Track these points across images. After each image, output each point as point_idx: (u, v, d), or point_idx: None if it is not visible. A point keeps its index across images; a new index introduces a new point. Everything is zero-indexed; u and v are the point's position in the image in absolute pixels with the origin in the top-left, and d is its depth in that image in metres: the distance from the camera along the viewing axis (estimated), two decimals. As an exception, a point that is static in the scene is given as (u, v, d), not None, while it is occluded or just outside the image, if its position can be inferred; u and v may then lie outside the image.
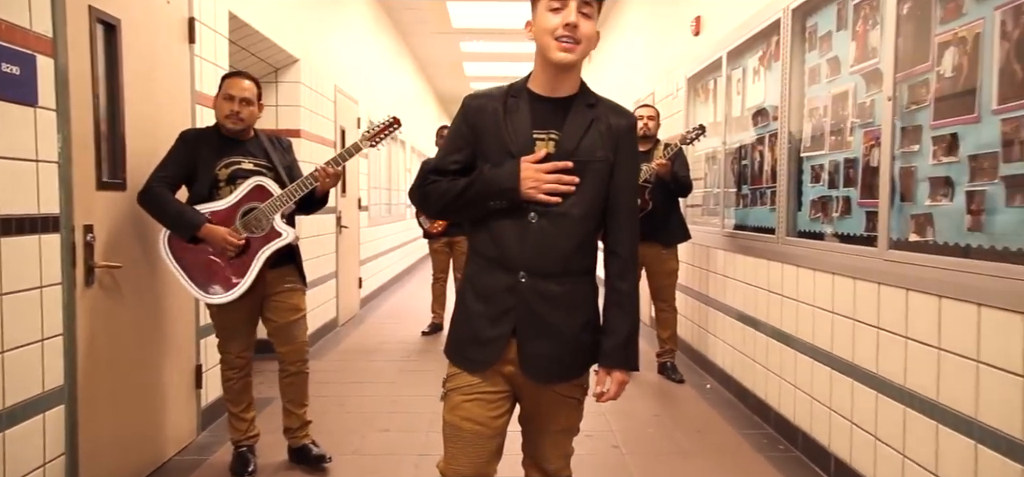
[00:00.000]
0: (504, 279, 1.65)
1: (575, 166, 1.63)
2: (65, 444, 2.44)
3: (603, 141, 1.66)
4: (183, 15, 3.34)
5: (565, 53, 1.59)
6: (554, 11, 1.59)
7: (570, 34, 1.58)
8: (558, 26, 1.58)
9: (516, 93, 1.70)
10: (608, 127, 1.68)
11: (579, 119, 1.67)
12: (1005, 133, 2.05)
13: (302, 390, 3.12)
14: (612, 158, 1.68)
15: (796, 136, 3.49)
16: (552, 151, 1.64)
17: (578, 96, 1.70)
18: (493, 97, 1.71)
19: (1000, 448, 2.00)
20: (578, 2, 1.58)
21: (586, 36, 1.60)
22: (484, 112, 1.69)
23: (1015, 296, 1.94)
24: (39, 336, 2.31)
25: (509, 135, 1.65)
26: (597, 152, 1.65)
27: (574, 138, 1.65)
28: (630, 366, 1.72)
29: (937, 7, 2.38)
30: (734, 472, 3.12)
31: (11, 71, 2.15)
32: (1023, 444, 1.91)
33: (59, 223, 2.40)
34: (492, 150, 1.67)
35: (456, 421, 1.69)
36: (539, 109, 1.68)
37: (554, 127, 1.66)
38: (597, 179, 1.66)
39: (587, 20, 1.60)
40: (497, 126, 1.66)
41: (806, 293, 3.23)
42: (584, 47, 1.61)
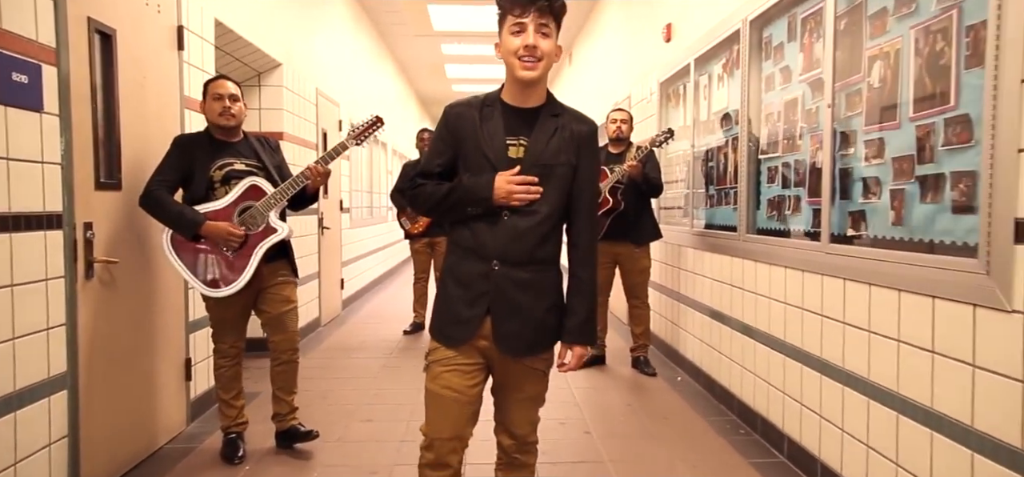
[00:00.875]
0: (479, 267, 1.93)
1: (541, 169, 1.91)
2: (68, 427, 2.69)
3: (566, 147, 1.94)
4: (173, 23, 3.58)
5: (527, 71, 1.87)
6: (515, 33, 1.87)
7: (530, 54, 1.86)
8: (519, 47, 1.85)
9: (491, 103, 1.98)
10: (571, 133, 1.96)
11: (546, 127, 1.94)
12: (919, 138, 2.36)
13: (292, 378, 3.37)
14: (575, 161, 1.96)
15: (754, 139, 3.79)
16: (522, 155, 1.92)
17: (545, 106, 1.98)
18: (471, 106, 1.98)
19: (917, 417, 2.30)
20: (536, 25, 1.85)
21: (546, 53, 1.88)
22: (463, 119, 1.97)
23: (927, 281, 2.24)
24: (45, 325, 2.55)
25: (485, 140, 1.93)
26: (561, 156, 1.93)
27: (541, 144, 1.93)
28: (587, 342, 2.00)
29: (867, 24, 2.68)
30: (697, 453, 3.40)
31: (20, 79, 2.40)
32: (936, 413, 2.21)
33: (62, 220, 2.65)
34: (470, 153, 1.94)
35: (437, 389, 1.96)
36: (510, 118, 1.95)
37: (524, 134, 1.93)
38: (560, 181, 1.94)
39: (546, 38, 1.88)
40: (474, 132, 1.94)
41: (763, 287, 3.53)
42: (545, 63, 1.89)
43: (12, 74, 2.36)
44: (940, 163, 2.27)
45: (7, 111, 2.34)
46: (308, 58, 6.23)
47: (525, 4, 1.85)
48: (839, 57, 2.87)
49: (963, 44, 2.16)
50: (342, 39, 7.71)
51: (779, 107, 3.50)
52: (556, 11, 1.89)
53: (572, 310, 2.00)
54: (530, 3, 1.84)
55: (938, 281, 2.19)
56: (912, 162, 2.40)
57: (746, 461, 3.30)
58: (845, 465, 2.76)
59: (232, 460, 3.26)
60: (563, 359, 2.02)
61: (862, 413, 2.63)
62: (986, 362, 1.99)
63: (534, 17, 1.85)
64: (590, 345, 2.03)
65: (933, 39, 2.30)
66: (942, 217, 2.26)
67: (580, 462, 3.30)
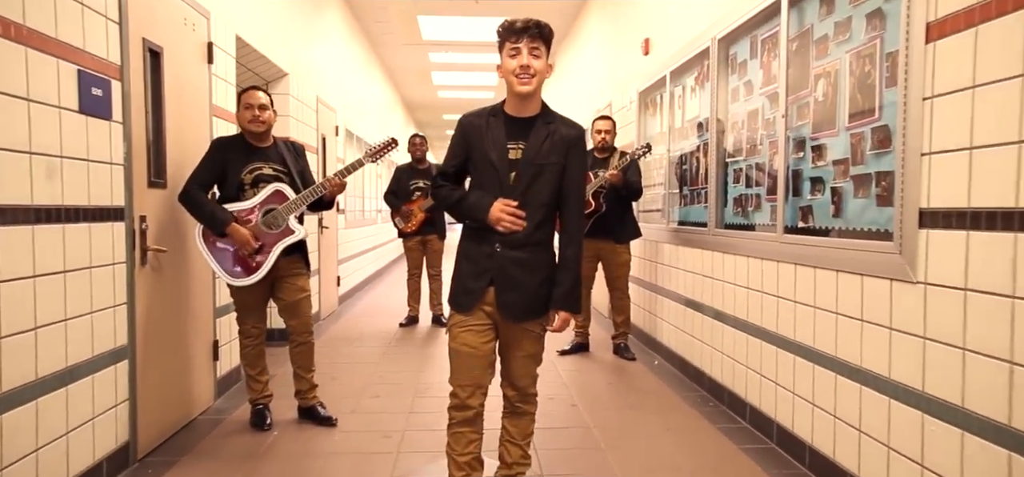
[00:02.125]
0: (485, 248, 2.40)
1: (535, 167, 2.37)
2: (128, 392, 3.11)
3: (557, 148, 2.42)
4: (204, 40, 4.02)
5: (523, 86, 2.34)
6: (512, 56, 2.34)
7: (525, 72, 2.33)
8: (516, 67, 2.33)
9: (495, 114, 2.46)
10: (561, 137, 2.43)
11: (540, 133, 2.42)
12: (852, 144, 2.87)
13: (309, 357, 3.81)
14: (564, 161, 2.43)
15: (722, 145, 4.30)
16: (519, 157, 2.39)
17: (539, 115, 2.45)
18: (480, 116, 2.46)
19: (854, 377, 2.80)
20: (529, 48, 2.33)
21: (538, 71, 2.36)
22: (473, 127, 2.44)
23: (858, 262, 2.74)
24: (111, 303, 2.97)
25: (490, 145, 2.40)
26: (551, 157, 2.40)
27: (535, 147, 2.40)
28: (571, 308, 2.46)
29: (813, 47, 3.20)
30: (670, 420, 3.89)
31: (97, 93, 2.83)
32: (864, 370, 2.71)
33: (124, 213, 3.07)
34: (478, 155, 2.41)
35: (456, 347, 2.43)
36: (511, 126, 2.43)
37: (522, 139, 2.41)
38: (551, 177, 2.41)
39: (537, 59, 2.35)
40: (481, 137, 2.41)
41: (730, 275, 4.03)
42: (538, 79, 2.37)
43: (92, 89, 2.79)
44: (868, 165, 2.78)
45: (88, 121, 2.77)
46: (309, 67, 6.67)
47: (519, 32, 2.32)
48: (791, 74, 3.38)
49: (884, 67, 2.67)
50: (338, 48, 8.15)
51: (743, 116, 4.01)
52: (545, 37, 2.37)
53: (558, 282, 2.46)
54: (523, 31, 2.32)
55: (866, 262, 2.69)
56: (847, 164, 2.91)
57: (714, 427, 3.80)
58: (796, 424, 3.26)
59: (261, 427, 3.69)
60: (552, 324, 2.48)
61: (808, 378, 3.13)
62: (899, 325, 2.49)
63: (527, 42, 2.32)
64: (574, 312, 2.49)
65: (863, 62, 2.81)
66: (869, 209, 2.77)
67: (568, 427, 3.77)
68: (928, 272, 2.34)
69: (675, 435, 3.66)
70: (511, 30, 2.34)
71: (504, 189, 2.37)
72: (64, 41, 2.63)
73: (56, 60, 2.58)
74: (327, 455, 3.35)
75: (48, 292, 2.54)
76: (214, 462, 3.25)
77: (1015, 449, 1.97)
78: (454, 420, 2.48)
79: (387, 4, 8.92)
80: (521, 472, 2.64)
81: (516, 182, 2.37)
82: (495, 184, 2.38)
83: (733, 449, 3.45)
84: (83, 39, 2.75)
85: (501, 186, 2.38)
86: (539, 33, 2.34)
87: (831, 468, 2.94)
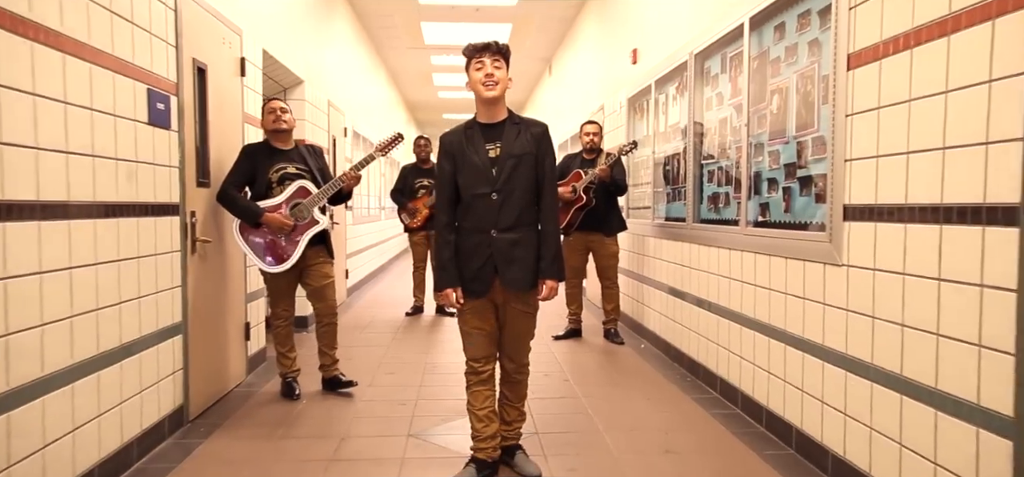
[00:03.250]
0: (483, 237, 2.92)
1: (514, 159, 2.87)
2: (182, 362, 3.66)
3: (528, 143, 2.94)
4: (238, 55, 4.56)
5: (489, 91, 2.86)
6: (478, 69, 2.87)
7: (489, 79, 2.86)
8: (482, 77, 2.86)
9: (470, 127, 2.99)
10: (531, 134, 2.97)
11: (511, 132, 2.95)
12: (798, 150, 3.43)
13: (333, 336, 4.36)
14: (536, 151, 2.95)
15: (698, 148, 4.85)
16: (498, 154, 2.91)
17: (507, 119, 2.98)
18: (457, 132, 2.99)
19: (798, 346, 3.36)
20: (491, 61, 2.86)
21: (500, 80, 2.88)
22: (454, 142, 2.97)
23: (801, 250, 3.30)
24: (170, 285, 3.53)
25: (472, 151, 2.92)
26: (526, 149, 2.92)
27: (510, 144, 2.93)
28: (556, 276, 2.98)
29: (769, 67, 3.75)
30: (651, 393, 4.44)
31: (161, 107, 3.38)
32: (805, 340, 3.27)
33: (178, 209, 3.62)
34: (463, 162, 2.93)
35: (468, 329, 2.99)
36: (486, 131, 2.96)
37: (497, 139, 2.93)
38: (527, 167, 2.92)
39: (499, 70, 2.88)
40: (463, 148, 2.94)
41: (705, 264, 4.59)
42: (501, 86, 2.89)
43: (157, 104, 3.34)
44: (809, 168, 3.33)
45: (154, 131, 3.32)
46: (321, 73, 7.22)
47: (482, 50, 2.87)
48: (752, 88, 3.93)
49: (820, 87, 3.22)
50: (346, 54, 8.70)
51: (715, 123, 4.56)
52: (504, 53, 2.91)
53: (542, 255, 2.98)
54: (485, 49, 2.87)
55: (807, 249, 3.25)
56: (795, 167, 3.47)
57: (688, 397, 4.35)
58: (755, 390, 3.82)
59: (290, 397, 4.25)
60: (541, 293, 3.01)
61: (764, 350, 3.69)
62: (830, 301, 3.05)
63: (489, 57, 2.86)
64: (558, 279, 3.01)
65: (805, 82, 3.36)
66: (810, 206, 3.33)
67: (561, 397, 4.33)
68: (850, 257, 2.90)
69: (653, 403, 4.21)
70: (475, 49, 2.88)
71: (489, 182, 2.89)
72: (139, 65, 3.18)
73: (132, 82, 3.13)
74: (351, 418, 3.90)
75: (128, 275, 3.10)
76: (253, 425, 3.80)
77: (905, 393, 2.53)
78: (471, 383, 3.03)
79: (392, 12, 9.48)
80: (518, 426, 3.19)
81: (498, 175, 2.89)
82: (482, 180, 2.90)
83: (703, 414, 4.01)
84: (151, 61, 3.30)
85: (486, 181, 2.89)
86: (499, 50, 2.89)
87: (782, 425, 3.50)
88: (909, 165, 2.51)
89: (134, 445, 3.17)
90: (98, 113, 2.86)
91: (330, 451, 3.39)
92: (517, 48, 11.45)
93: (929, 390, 2.41)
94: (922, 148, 2.44)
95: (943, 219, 2.33)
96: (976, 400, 2.19)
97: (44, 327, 2.52)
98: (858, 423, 2.84)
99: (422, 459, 3.31)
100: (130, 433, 3.14)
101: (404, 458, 3.31)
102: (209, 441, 3.53)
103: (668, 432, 3.70)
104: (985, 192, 2.15)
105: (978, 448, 2.19)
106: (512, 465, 3.13)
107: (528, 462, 3.13)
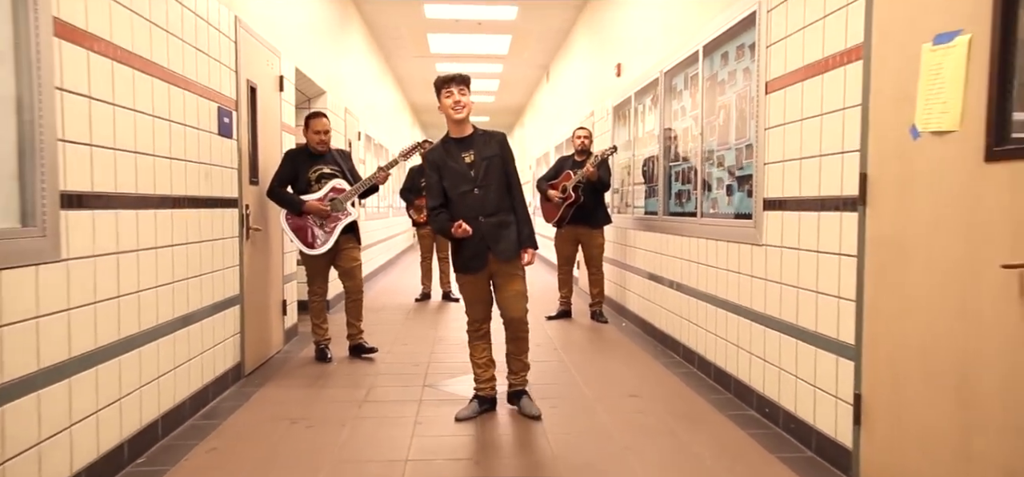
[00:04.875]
0: (474, 225, 3.78)
1: (487, 161, 3.73)
2: (239, 327, 4.55)
3: (493, 148, 3.80)
4: (277, 73, 5.46)
5: (458, 114, 3.73)
6: (447, 97, 3.73)
7: (457, 105, 3.72)
8: (452, 102, 3.72)
9: (446, 142, 3.86)
10: (495, 141, 3.84)
11: (479, 141, 3.82)
12: (737, 155, 4.30)
13: (359, 310, 5.25)
14: (501, 153, 3.82)
15: (668, 152, 5.73)
16: (473, 159, 3.77)
17: (474, 132, 3.85)
18: (437, 149, 3.85)
19: (735, 311, 4.23)
20: (458, 90, 3.72)
21: (466, 104, 3.74)
22: (437, 156, 3.83)
23: (736, 234, 4.17)
24: (232, 264, 4.41)
25: (452, 160, 3.78)
26: (493, 152, 3.78)
27: (480, 150, 3.80)
28: (532, 245, 3.83)
29: (717, 87, 4.63)
30: (628, 361, 5.32)
31: (226, 121, 4.27)
32: (739, 305, 4.14)
33: (237, 202, 4.51)
34: (447, 170, 3.79)
35: (467, 294, 3.87)
36: (459, 144, 3.81)
37: (470, 148, 3.79)
38: (497, 166, 3.78)
39: (464, 96, 3.74)
40: (445, 160, 3.80)
41: (673, 250, 5.46)
42: (467, 109, 3.75)
43: (224, 118, 4.23)
44: (744, 170, 4.21)
45: (223, 140, 4.22)
46: (339, 83, 8.11)
47: (450, 81, 3.72)
48: (705, 104, 4.81)
49: (751, 106, 4.10)
50: (359, 64, 9.59)
51: (680, 132, 5.44)
52: (467, 82, 3.76)
53: (520, 231, 3.84)
54: (453, 81, 3.72)
55: (739, 234, 4.13)
56: (735, 170, 4.35)
57: (656, 361, 5.23)
58: (707, 351, 4.69)
59: (323, 360, 5.14)
60: (523, 260, 3.87)
61: (712, 317, 4.57)
62: (754, 273, 3.93)
63: (457, 86, 3.72)
64: (533, 247, 3.85)
65: (741, 101, 4.24)
66: (744, 200, 4.21)
67: (550, 362, 5.21)
68: (766, 238, 3.78)
69: (626, 365, 5.10)
70: (445, 80, 3.74)
71: (470, 181, 3.74)
72: (213, 87, 4.07)
73: (209, 102, 4.02)
74: (375, 374, 4.79)
75: (205, 253, 3.98)
76: (296, 379, 4.69)
77: (799, 338, 3.41)
78: (472, 338, 3.92)
79: (401, 24, 10.37)
80: (523, 375, 4.02)
81: (476, 175, 3.75)
82: (464, 180, 3.74)
83: (666, 372, 4.89)
84: (220, 84, 4.20)
85: (468, 180, 3.74)
86: (463, 80, 3.76)
87: (725, 376, 4.38)
88: (801, 168, 3.39)
89: (210, 388, 4.06)
90: (189, 128, 3.74)
91: (361, 396, 4.28)
92: (517, 57, 12.35)
93: (813, 333, 3.29)
94: (811, 154, 3.31)
95: (820, 208, 3.21)
96: (837, 336, 3.07)
97: (158, 289, 3.41)
98: (771, 365, 3.72)
99: (435, 400, 4.19)
100: (207, 378, 4.03)
101: (421, 400, 4.20)
102: (263, 389, 4.42)
103: (634, 383, 4.58)
104: (842, 187, 3.03)
105: (837, 370, 3.07)
106: (519, 407, 3.99)
107: (531, 404, 3.98)
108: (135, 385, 3.21)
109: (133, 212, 3.15)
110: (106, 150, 2.92)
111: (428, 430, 3.67)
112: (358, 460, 3.24)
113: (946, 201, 2.37)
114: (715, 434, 3.60)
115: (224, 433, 3.60)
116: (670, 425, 3.73)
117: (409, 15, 9.89)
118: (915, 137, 2.52)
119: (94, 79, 2.82)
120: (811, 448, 3.31)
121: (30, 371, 2.44)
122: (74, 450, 2.71)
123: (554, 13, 9.82)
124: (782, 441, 3.48)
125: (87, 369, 2.80)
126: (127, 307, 3.13)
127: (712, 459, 3.25)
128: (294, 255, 5.97)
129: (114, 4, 2.99)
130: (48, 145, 2.48)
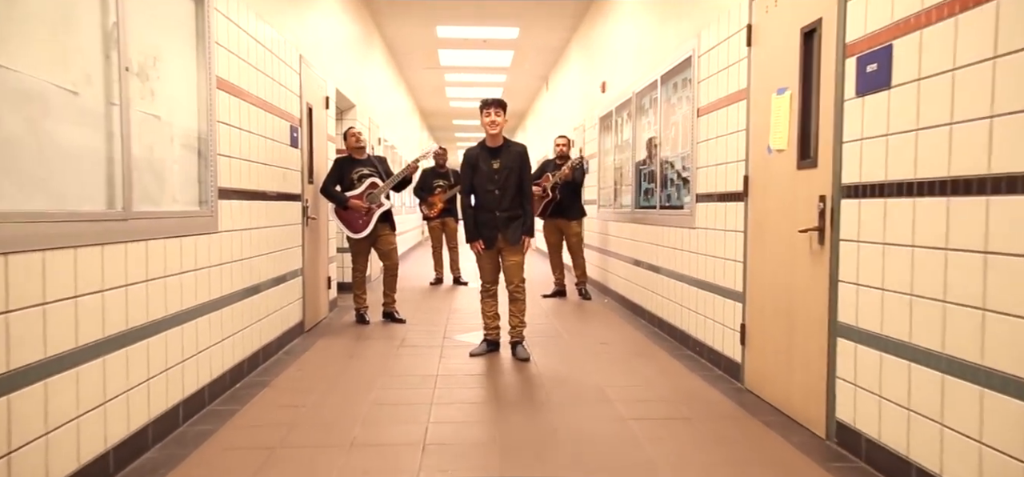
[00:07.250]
0: (491, 215, 5.21)
1: (508, 169, 5.15)
2: (301, 293, 5.98)
3: (515, 159, 5.22)
4: (325, 94, 6.90)
5: (492, 131, 5.14)
6: (486, 116, 5.15)
7: (492, 125, 5.13)
8: (488, 122, 5.14)
9: (483, 147, 5.28)
10: (516, 152, 5.25)
11: (505, 152, 5.24)
12: (683, 161, 5.72)
13: (394, 283, 6.70)
14: (520, 165, 5.24)
15: (638, 157, 7.14)
16: (498, 166, 5.19)
17: (504, 143, 5.27)
18: (475, 150, 5.28)
19: (681, 279, 5.64)
20: (494, 111, 5.13)
21: (500, 123, 5.15)
22: (473, 155, 5.26)
23: (680, 221, 5.58)
24: (297, 244, 5.84)
25: (482, 163, 5.20)
26: (514, 163, 5.19)
27: (505, 160, 5.21)
28: (529, 234, 5.24)
29: (671, 108, 6.04)
30: (608, 327, 6.72)
31: (295, 135, 5.70)
32: (685, 275, 5.56)
33: (300, 197, 5.93)
34: (478, 170, 5.21)
35: (481, 262, 5.29)
36: (491, 152, 5.23)
37: (498, 157, 5.21)
38: (515, 175, 5.20)
39: (499, 117, 5.14)
40: (478, 160, 5.22)
41: (641, 236, 6.88)
42: (500, 128, 5.17)
43: (293, 133, 5.66)
44: (687, 173, 5.62)
45: (292, 150, 5.65)
46: (365, 96, 9.55)
47: (490, 105, 5.11)
48: (662, 120, 6.22)
49: (692, 125, 5.51)
50: (379, 77, 11.04)
51: (645, 141, 6.86)
52: (502, 105, 5.16)
53: (523, 224, 5.25)
54: (491, 105, 5.12)
55: (682, 220, 5.54)
56: (682, 172, 5.76)
57: (628, 325, 6.64)
58: (663, 312, 6.10)
59: (363, 323, 6.58)
60: (524, 245, 5.29)
61: (666, 285, 5.98)
62: (692, 249, 5.33)
63: (493, 109, 5.13)
64: (530, 235, 5.28)
65: (686, 119, 5.65)
66: (686, 196, 5.62)
67: (541, 323, 6.63)
68: (698, 223, 5.19)
69: (603, 326, 6.52)
70: (486, 103, 5.13)
71: (494, 183, 5.14)
72: (287, 110, 5.51)
73: (285, 121, 5.45)
74: (406, 332, 6.23)
75: (284, 235, 5.41)
76: (344, 335, 6.11)
77: (718, 293, 4.82)
78: (484, 297, 5.35)
79: (415, 41, 11.81)
80: (521, 330, 5.41)
81: (499, 179, 5.15)
82: (490, 181, 5.13)
83: (634, 331, 6.31)
84: (290, 106, 5.63)
85: (492, 182, 5.14)
86: (499, 105, 5.15)
87: (673, 328, 5.79)
88: (718, 171, 4.81)
89: (287, 334, 5.50)
90: (274, 142, 5.18)
91: (398, 343, 5.71)
92: (519, 68, 13.78)
93: (724, 288, 4.70)
94: (721, 162, 4.73)
95: (727, 200, 4.63)
96: (734, 287, 4.49)
97: (261, 257, 4.83)
98: (700, 315, 5.14)
99: (455, 346, 5.62)
100: (283, 329, 5.46)
101: (443, 345, 5.63)
102: (320, 340, 5.85)
103: (606, 335, 6.00)
104: (738, 185, 4.44)
105: (733, 312, 4.50)
106: (515, 353, 5.39)
107: (524, 350, 5.36)
108: (255, 320, 4.66)
109: (247, 202, 4.58)
110: (236, 160, 4.35)
111: (450, 361, 5.10)
112: (403, 374, 4.68)
113: (780, 193, 3.80)
114: (659, 363, 5.03)
115: (304, 364, 5.03)
116: (627, 359, 5.16)
117: (423, 35, 11.32)
118: (769, 153, 3.94)
119: (232, 112, 4.26)
120: (720, 367, 4.74)
121: (202, 301, 3.87)
122: (223, 357, 4.14)
123: (552, 33, 11.24)
124: (702, 366, 4.91)
125: (232, 304, 4.26)
126: (250, 266, 4.57)
127: (652, 375, 4.67)
128: (335, 241, 7.41)
129: (241, 61, 4.42)
130: (214, 158, 3.92)
